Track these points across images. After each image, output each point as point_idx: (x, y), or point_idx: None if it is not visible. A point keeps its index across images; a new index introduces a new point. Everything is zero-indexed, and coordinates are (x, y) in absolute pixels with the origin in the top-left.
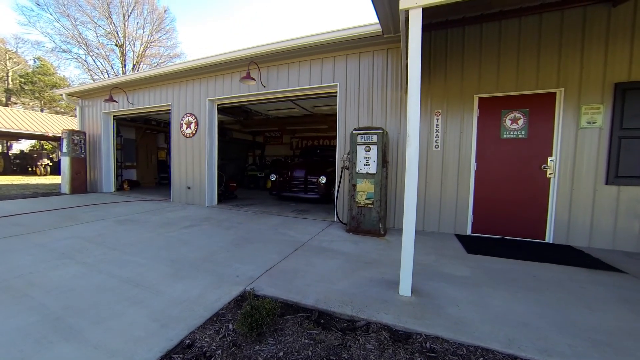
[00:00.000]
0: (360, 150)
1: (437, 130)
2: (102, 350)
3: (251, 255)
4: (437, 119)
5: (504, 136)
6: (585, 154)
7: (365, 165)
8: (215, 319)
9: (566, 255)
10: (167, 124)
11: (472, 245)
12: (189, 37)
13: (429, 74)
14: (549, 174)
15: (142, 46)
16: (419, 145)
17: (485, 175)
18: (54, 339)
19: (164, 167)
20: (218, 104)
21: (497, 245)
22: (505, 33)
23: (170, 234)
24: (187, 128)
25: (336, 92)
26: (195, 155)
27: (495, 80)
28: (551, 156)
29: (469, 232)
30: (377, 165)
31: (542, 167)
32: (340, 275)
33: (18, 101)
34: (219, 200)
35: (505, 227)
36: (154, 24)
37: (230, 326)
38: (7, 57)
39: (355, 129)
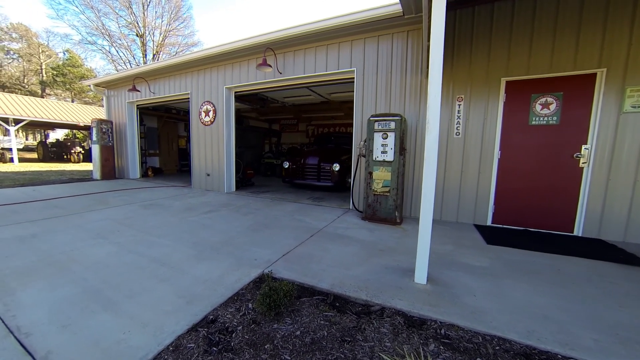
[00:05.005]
0: (377, 138)
1: (458, 117)
2: (136, 320)
3: (268, 240)
4: (459, 105)
5: (533, 122)
6: (626, 142)
7: (382, 152)
8: (235, 298)
9: (596, 249)
10: (187, 113)
11: (492, 236)
12: (205, 26)
13: (452, 56)
14: (582, 163)
15: (161, 35)
16: (439, 132)
17: (509, 164)
18: (95, 308)
19: (185, 155)
20: (235, 92)
21: (520, 236)
22: (541, 8)
23: (192, 219)
24: (205, 116)
25: (353, 77)
26: (213, 142)
27: (526, 61)
28: (586, 144)
29: (489, 223)
30: (394, 153)
31: (575, 155)
32: (355, 261)
33: (52, 93)
34: (237, 187)
35: (529, 218)
36: (171, 13)
37: (250, 305)
38: (40, 51)
39: (372, 116)
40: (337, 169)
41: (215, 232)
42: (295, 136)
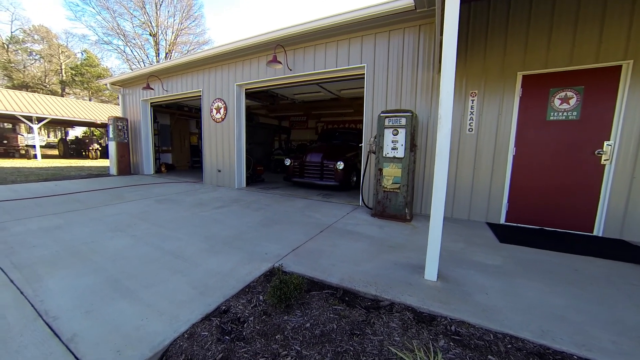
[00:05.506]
0: (388, 134)
1: (471, 112)
2: (153, 309)
3: (278, 235)
4: (472, 100)
5: (551, 118)
6: None
7: (393, 149)
8: (247, 290)
9: (618, 250)
10: (198, 110)
11: (505, 234)
12: (216, 24)
13: (466, 51)
14: (604, 159)
15: (174, 34)
16: (451, 128)
17: (525, 161)
18: (115, 296)
19: (196, 151)
20: (246, 89)
21: (535, 235)
22: (562, 0)
23: (204, 214)
24: (216, 113)
25: (363, 73)
26: (224, 139)
27: (545, 55)
28: (608, 140)
29: (502, 221)
30: (405, 149)
31: (597, 152)
32: (364, 257)
33: (71, 92)
34: (247, 183)
35: (546, 217)
36: (183, 12)
37: (261, 297)
38: (60, 51)
39: (382, 112)
40: (341, 167)
41: (226, 227)
42: (304, 133)
